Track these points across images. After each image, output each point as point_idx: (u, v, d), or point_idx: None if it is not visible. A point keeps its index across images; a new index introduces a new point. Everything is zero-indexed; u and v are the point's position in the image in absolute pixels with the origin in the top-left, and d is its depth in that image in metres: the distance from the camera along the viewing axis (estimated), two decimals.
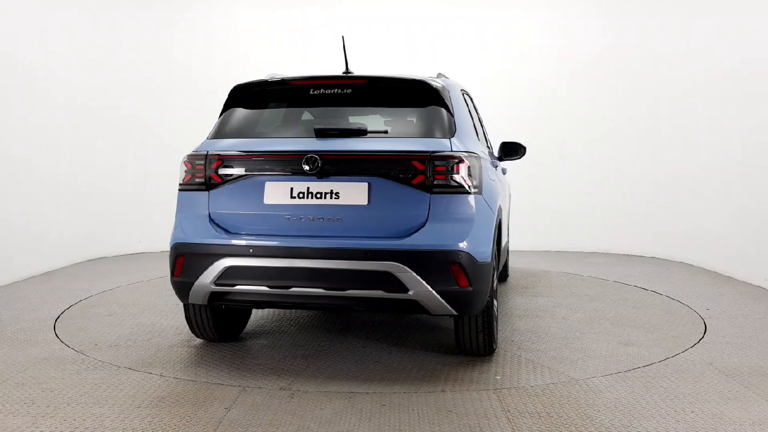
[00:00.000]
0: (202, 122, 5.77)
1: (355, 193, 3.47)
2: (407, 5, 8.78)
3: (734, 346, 4.22)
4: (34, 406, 3.13)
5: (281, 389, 3.38)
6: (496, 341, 4.00)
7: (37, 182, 6.90)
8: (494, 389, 3.39)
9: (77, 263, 7.52)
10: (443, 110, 3.74)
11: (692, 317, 5.01)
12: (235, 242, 3.54)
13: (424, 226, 3.41)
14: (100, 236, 7.93)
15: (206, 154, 3.70)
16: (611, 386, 3.44)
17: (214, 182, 3.67)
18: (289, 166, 3.56)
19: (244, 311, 4.45)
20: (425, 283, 3.33)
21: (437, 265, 3.36)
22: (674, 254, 7.89)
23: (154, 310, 5.18)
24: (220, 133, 3.88)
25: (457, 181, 3.44)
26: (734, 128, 6.85)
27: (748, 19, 6.66)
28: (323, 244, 3.43)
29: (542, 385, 3.46)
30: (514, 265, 7.31)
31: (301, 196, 3.51)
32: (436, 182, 3.43)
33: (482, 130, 5.11)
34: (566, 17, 8.64)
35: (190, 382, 3.50)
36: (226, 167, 3.65)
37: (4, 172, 6.35)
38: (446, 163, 3.44)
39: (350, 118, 4.02)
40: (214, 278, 3.53)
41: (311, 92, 3.89)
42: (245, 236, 3.56)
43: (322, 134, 3.64)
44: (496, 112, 7.61)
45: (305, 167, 3.48)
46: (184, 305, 3.98)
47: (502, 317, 4.92)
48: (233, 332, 4.31)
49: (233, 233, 3.60)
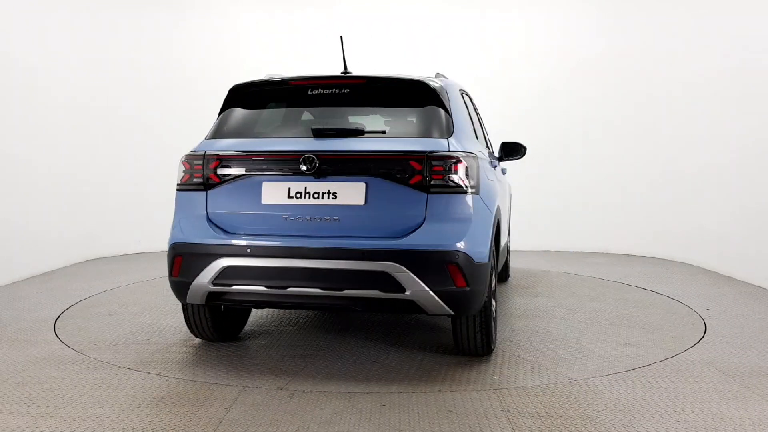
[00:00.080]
0: (201, 122, 5.76)
1: (352, 193, 3.46)
2: (407, 5, 8.78)
3: (734, 346, 4.21)
4: (34, 406, 3.13)
5: (280, 389, 3.37)
6: (494, 341, 4.00)
7: (37, 182, 6.90)
8: (494, 389, 3.38)
9: (77, 263, 7.52)
10: (441, 110, 3.73)
11: (692, 317, 5.00)
12: (232, 242, 3.54)
13: (421, 226, 3.41)
14: (100, 236, 7.93)
15: (204, 154, 3.70)
16: (611, 386, 3.44)
17: (212, 182, 3.66)
18: (286, 166, 3.56)
19: (243, 311, 4.45)
20: (422, 283, 3.32)
21: (434, 265, 3.35)
22: (674, 254, 7.88)
23: (154, 310, 5.19)
24: (218, 133, 3.88)
25: (454, 181, 3.43)
26: (734, 128, 6.84)
27: (748, 19, 6.65)
28: (321, 244, 3.42)
29: (542, 385, 3.46)
30: (514, 265, 7.31)
31: (298, 196, 3.50)
32: (433, 182, 3.42)
33: (482, 130, 5.10)
34: (566, 17, 8.63)
35: (189, 382, 3.50)
36: (224, 167, 3.65)
37: (4, 172, 6.36)
38: (443, 163, 3.43)
39: (349, 118, 4.01)
40: (211, 278, 3.53)
41: (309, 92, 3.89)
42: (243, 236, 3.56)
43: (319, 134, 3.64)
44: (496, 112, 7.61)
45: (302, 167, 3.48)
46: (182, 305, 3.98)
47: (501, 317, 4.92)
48: (232, 332, 4.31)
49: (231, 233, 3.59)
